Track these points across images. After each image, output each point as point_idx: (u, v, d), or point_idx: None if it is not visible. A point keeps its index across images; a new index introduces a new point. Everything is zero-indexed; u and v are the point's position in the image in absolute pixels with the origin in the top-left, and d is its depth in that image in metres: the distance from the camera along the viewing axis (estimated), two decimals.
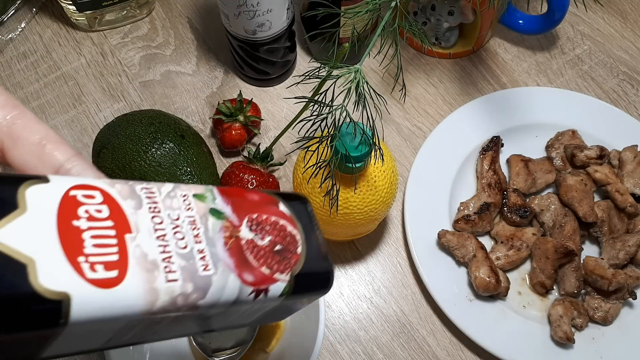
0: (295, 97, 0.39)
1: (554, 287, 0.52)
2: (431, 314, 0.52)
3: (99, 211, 0.20)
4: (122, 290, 0.19)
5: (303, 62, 0.64)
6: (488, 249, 0.53)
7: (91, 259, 0.19)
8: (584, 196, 0.53)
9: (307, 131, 0.39)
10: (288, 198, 0.26)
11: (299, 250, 0.24)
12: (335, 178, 0.42)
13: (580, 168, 0.56)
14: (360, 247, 0.55)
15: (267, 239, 0.23)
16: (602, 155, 0.55)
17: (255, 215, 0.24)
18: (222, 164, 0.58)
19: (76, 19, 0.65)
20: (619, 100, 0.62)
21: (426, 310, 0.52)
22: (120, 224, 0.20)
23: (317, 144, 0.40)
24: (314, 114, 0.38)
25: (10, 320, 0.17)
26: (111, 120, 0.53)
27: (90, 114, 0.62)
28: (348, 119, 0.38)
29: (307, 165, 0.43)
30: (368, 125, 0.38)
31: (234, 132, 0.56)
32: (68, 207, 0.19)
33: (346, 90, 0.37)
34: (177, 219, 0.22)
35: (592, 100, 0.60)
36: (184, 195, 0.22)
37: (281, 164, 0.57)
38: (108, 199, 0.21)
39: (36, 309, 0.17)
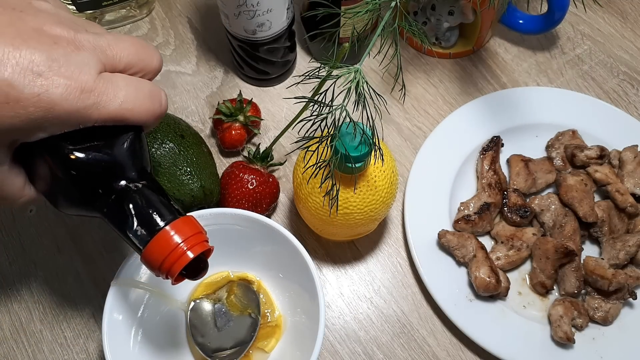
0: (295, 97, 0.39)
1: (554, 287, 0.52)
2: (431, 314, 0.52)
3: None
4: None
5: (303, 62, 0.64)
6: (488, 249, 0.53)
7: None
8: (584, 196, 0.53)
9: (307, 131, 0.39)
10: None
11: None
12: (335, 178, 0.42)
13: (581, 168, 0.56)
14: (360, 247, 0.55)
15: None
16: (602, 155, 0.55)
17: None
18: (222, 164, 0.58)
19: None
20: (619, 100, 0.62)
21: (426, 311, 0.52)
22: None
23: (317, 144, 0.40)
24: (314, 114, 0.38)
25: None
26: None
27: None
28: (348, 119, 0.38)
29: (307, 165, 0.43)
30: (368, 125, 0.38)
31: (234, 132, 0.56)
32: None
33: (346, 90, 0.37)
34: None
35: (592, 100, 0.60)
36: None
37: (281, 164, 0.57)
38: None
39: None
